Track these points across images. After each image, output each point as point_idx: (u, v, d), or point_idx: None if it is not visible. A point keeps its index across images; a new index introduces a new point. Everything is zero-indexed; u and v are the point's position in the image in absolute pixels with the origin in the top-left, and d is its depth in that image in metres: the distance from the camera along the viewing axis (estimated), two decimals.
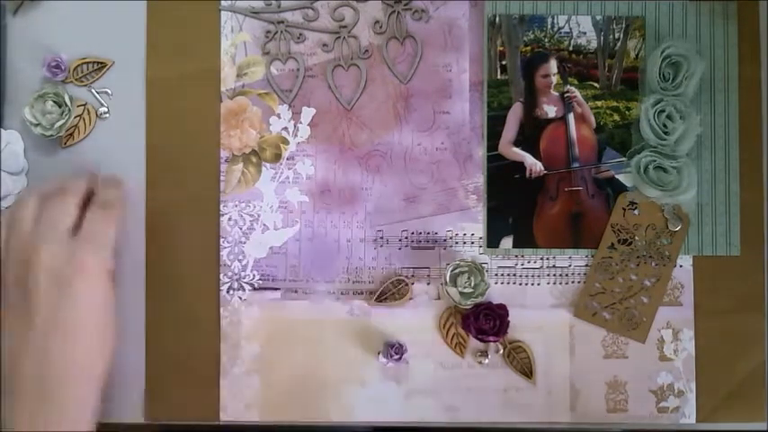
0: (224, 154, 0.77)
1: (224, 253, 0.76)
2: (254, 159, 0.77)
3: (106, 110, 0.78)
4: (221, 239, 0.76)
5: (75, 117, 0.77)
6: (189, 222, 0.77)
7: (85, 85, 0.78)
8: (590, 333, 0.77)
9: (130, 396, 0.77)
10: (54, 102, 0.76)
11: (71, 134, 0.77)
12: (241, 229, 0.77)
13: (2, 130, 0.77)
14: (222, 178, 0.77)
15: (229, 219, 0.77)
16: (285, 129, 0.77)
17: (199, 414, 0.76)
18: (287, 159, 0.77)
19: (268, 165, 0.77)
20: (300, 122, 0.77)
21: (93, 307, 0.66)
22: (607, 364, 0.77)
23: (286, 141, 0.77)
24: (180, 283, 0.77)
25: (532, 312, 0.77)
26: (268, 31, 0.77)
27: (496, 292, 0.77)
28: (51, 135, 0.76)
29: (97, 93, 0.78)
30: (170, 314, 0.76)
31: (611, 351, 0.77)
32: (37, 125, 0.76)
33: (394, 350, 0.74)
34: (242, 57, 0.77)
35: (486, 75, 0.78)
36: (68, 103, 0.76)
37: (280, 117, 0.77)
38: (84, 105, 0.77)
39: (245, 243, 0.77)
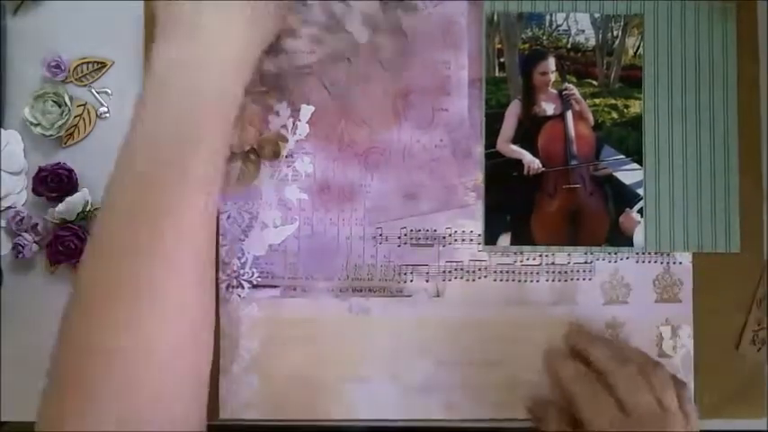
0: None
1: (223, 251, 0.76)
2: (252, 157, 0.77)
3: (106, 110, 0.78)
4: (220, 237, 0.76)
5: (75, 117, 0.77)
6: None
7: (85, 85, 0.78)
8: (589, 330, 0.77)
9: None
10: (54, 102, 0.76)
11: (71, 134, 0.77)
12: (240, 226, 0.77)
13: (2, 130, 0.77)
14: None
15: (228, 216, 0.77)
16: (284, 126, 0.77)
17: None
18: (286, 157, 0.77)
19: (267, 162, 0.77)
20: (299, 120, 0.77)
21: None
22: None
23: (285, 139, 0.77)
24: None
25: (531, 310, 0.77)
26: None
27: (495, 290, 0.77)
28: (51, 135, 0.76)
29: (97, 93, 0.78)
30: None
31: None
32: (37, 125, 0.76)
33: None
34: None
35: (484, 72, 0.78)
36: (68, 103, 0.76)
37: (278, 115, 0.77)
38: (84, 105, 0.78)
39: (243, 241, 0.77)
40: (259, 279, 0.77)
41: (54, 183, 0.76)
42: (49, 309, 0.76)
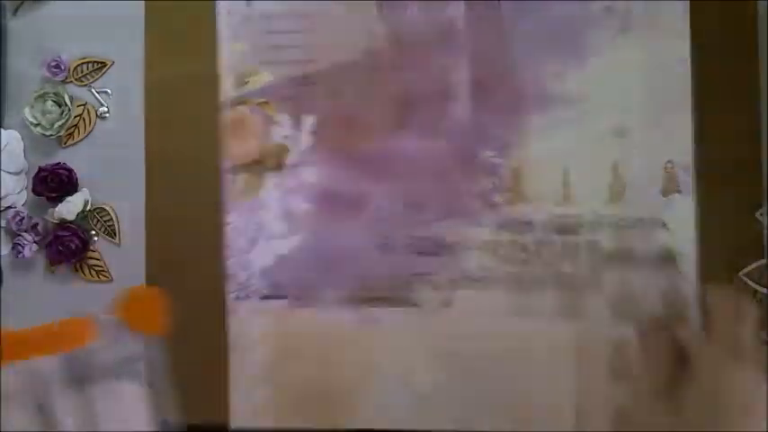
0: (226, 163, 0.76)
1: (229, 263, 0.76)
2: (256, 168, 0.76)
3: (106, 110, 0.78)
4: (226, 249, 0.76)
5: (75, 117, 0.77)
6: (192, 233, 0.77)
7: (85, 85, 0.78)
8: (595, 339, 0.77)
9: None
10: (54, 102, 0.76)
11: (71, 134, 0.78)
12: (246, 238, 0.76)
13: (2, 130, 0.77)
14: (226, 188, 0.76)
15: (234, 228, 0.76)
16: (287, 137, 0.76)
17: (210, 423, 0.76)
18: (290, 167, 0.77)
19: (271, 173, 0.77)
20: (303, 130, 0.76)
21: None
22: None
23: (288, 149, 0.76)
24: (186, 295, 0.76)
25: (539, 320, 0.77)
26: (266, 39, 0.76)
27: (501, 299, 0.77)
28: (51, 135, 0.76)
29: (97, 93, 0.78)
30: (178, 325, 0.76)
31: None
32: (37, 125, 0.76)
33: None
34: (241, 65, 0.77)
35: None
36: (68, 103, 0.76)
37: (281, 125, 0.76)
38: (84, 105, 0.78)
39: (250, 252, 0.77)
40: (266, 290, 0.77)
41: (54, 183, 0.76)
42: (49, 309, 0.77)
